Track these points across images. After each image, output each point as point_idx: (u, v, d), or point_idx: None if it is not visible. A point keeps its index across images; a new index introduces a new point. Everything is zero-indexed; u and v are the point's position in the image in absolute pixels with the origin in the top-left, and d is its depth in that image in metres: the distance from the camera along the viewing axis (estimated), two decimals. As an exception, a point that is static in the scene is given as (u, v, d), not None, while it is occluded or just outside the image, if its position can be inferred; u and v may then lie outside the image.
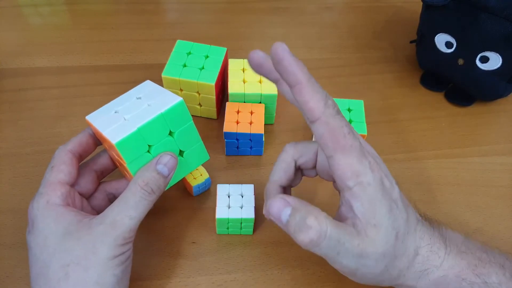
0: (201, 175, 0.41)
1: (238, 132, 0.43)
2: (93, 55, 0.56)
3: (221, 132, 0.47)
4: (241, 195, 0.39)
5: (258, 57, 0.27)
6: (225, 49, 0.48)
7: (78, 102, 0.50)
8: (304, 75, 0.25)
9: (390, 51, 0.60)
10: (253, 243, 0.40)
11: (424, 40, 0.52)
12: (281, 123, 0.50)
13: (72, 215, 0.31)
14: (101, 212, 0.31)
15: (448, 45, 0.48)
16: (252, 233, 0.40)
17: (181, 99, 0.33)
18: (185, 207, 0.42)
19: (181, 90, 0.46)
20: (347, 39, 0.61)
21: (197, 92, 0.46)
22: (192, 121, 0.34)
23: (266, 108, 0.46)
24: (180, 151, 0.35)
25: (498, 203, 0.44)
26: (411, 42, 0.57)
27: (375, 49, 0.60)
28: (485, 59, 0.46)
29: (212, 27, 0.61)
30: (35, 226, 0.31)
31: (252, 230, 0.40)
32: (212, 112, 0.48)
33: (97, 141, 0.36)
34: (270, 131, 0.49)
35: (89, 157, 0.37)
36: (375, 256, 0.27)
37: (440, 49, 0.49)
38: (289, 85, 0.26)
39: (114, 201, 0.31)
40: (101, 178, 0.37)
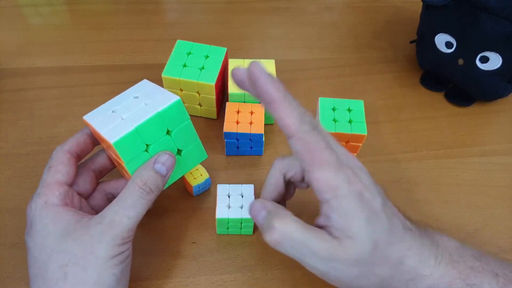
0: (201, 175, 0.41)
1: (238, 132, 0.43)
2: (93, 55, 0.56)
3: (221, 132, 0.47)
4: (241, 195, 0.39)
5: (240, 73, 0.28)
6: (225, 49, 0.48)
7: (78, 102, 0.50)
8: (279, 93, 0.26)
9: (390, 51, 0.60)
10: (253, 243, 0.40)
11: (424, 40, 0.52)
12: (281, 123, 0.50)
13: (70, 215, 0.31)
14: (100, 211, 0.31)
15: (448, 45, 0.48)
16: (252, 233, 0.40)
17: (178, 98, 0.33)
18: (185, 207, 0.42)
19: (181, 90, 0.46)
20: (347, 39, 0.61)
21: (197, 92, 0.46)
22: (190, 120, 0.34)
23: (266, 108, 0.46)
24: (178, 150, 0.35)
25: (498, 203, 0.44)
26: (411, 42, 0.57)
27: (375, 49, 0.60)
28: (485, 59, 0.46)
29: (212, 27, 0.61)
30: (33, 227, 0.31)
31: (252, 230, 0.40)
32: (212, 112, 0.48)
33: (95, 140, 0.36)
34: (270, 131, 0.49)
35: (87, 156, 0.36)
36: (347, 262, 0.28)
37: (440, 49, 0.49)
38: (264, 103, 0.27)
39: (113, 200, 0.31)
40: (99, 178, 0.37)
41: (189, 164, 0.37)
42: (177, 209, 0.42)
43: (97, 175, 0.36)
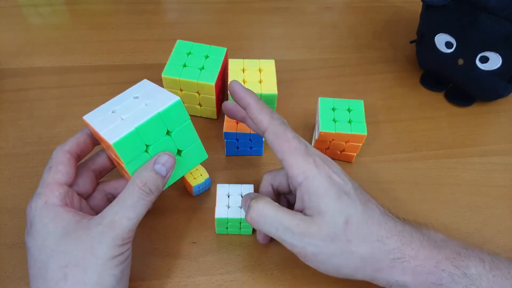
0: (201, 175, 0.41)
1: (238, 132, 0.43)
2: (93, 55, 0.56)
3: (221, 132, 0.47)
4: (241, 195, 0.39)
5: (229, 105, 0.38)
6: (225, 49, 0.48)
7: (78, 102, 0.50)
8: (252, 99, 0.34)
9: (390, 51, 0.60)
10: (253, 243, 0.40)
11: (424, 40, 0.52)
12: (281, 123, 0.50)
13: (70, 215, 0.31)
14: (100, 212, 0.31)
15: (448, 45, 0.48)
16: (252, 233, 0.40)
17: (178, 98, 0.33)
18: (185, 207, 0.42)
19: (181, 90, 0.46)
20: (347, 39, 0.61)
21: (197, 92, 0.46)
22: (190, 120, 0.34)
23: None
24: (178, 150, 0.35)
25: (498, 203, 0.44)
26: (411, 42, 0.57)
27: (375, 49, 0.60)
28: (485, 59, 0.46)
29: (212, 27, 0.61)
30: (33, 227, 0.30)
31: (251, 230, 0.40)
32: (212, 112, 0.48)
33: (95, 140, 0.36)
34: (270, 131, 0.49)
35: (87, 156, 0.36)
36: (321, 237, 0.30)
37: (440, 49, 0.49)
38: (243, 107, 0.35)
39: (113, 201, 0.31)
40: (99, 178, 0.37)
41: (189, 165, 0.37)
42: (177, 209, 0.42)
43: (97, 175, 0.36)
